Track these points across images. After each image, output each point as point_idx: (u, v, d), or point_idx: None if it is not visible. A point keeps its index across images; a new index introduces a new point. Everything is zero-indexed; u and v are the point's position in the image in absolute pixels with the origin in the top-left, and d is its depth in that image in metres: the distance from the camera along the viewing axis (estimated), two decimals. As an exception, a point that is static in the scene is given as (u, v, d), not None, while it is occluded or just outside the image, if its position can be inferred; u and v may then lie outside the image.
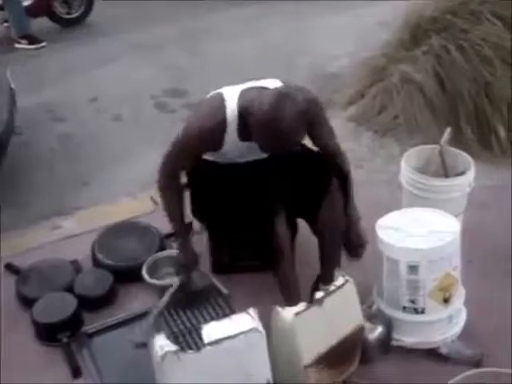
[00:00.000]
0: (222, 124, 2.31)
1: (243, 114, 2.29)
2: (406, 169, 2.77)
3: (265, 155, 2.46)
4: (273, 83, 2.39)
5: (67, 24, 6.12)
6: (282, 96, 2.18)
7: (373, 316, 2.35)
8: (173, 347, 1.91)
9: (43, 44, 5.68)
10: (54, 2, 5.99)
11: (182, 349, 1.99)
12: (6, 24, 5.77)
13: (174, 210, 2.54)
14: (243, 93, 2.35)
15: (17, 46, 5.65)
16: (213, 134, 2.33)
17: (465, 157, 2.83)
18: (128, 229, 2.99)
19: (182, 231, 2.62)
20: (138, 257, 2.78)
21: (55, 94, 4.70)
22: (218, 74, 2.60)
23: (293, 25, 5.64)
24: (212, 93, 2.45)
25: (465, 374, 2.05)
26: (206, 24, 5.86)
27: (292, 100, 2.17)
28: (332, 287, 2.15)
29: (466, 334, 2.41)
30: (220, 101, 2.34)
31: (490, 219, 3.01)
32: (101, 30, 5.99)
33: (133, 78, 4.90)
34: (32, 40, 5.66)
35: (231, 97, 2.34)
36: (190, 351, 1.95)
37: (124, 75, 4.99)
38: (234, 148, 2.39)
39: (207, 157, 2.54)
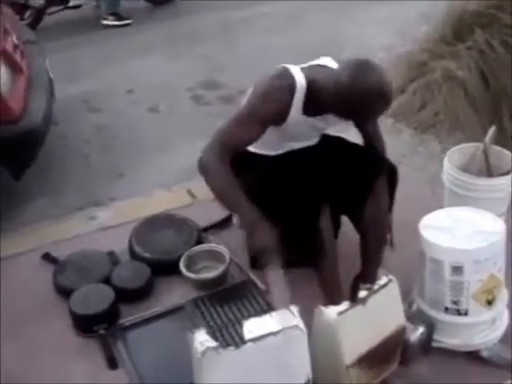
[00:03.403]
0: (290, 90, 2.25)
1: (311, 86, 2.25)
2: (449, 167, 2.73)
3: (316, 142, 2.45)
4: (327, 61, 2.37)
5: (160, 2, 6.29)
6: (362, 65, 2.16)
7: (413, 316, 2.31)
8: (213, 343, 1.89)
9: (129, 21, 5.91)
10: None
11: (220, 344, 1.97)
12: (94, 4, 6.02)
13: (231, 189, 2.21)
14: (303, 69, 2.32)
15: (104, 22, 5.89)
16: (281, 96, 2.24)
17: (509, 156, 2.78)
18: (165, 221, 2.96)
19: (247, 210, 2.19)
20: (176, 250, 2.76)
21: (91, 85, 4.71)
22: (254, 67, 2.54)
23: (332, 17, 5.59)
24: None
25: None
26: (244, 16, 5.84)
27: (372, 69, 2.15)
28: (375, 286, 2.12)
29: (507, 338, 2.36)
30: (286, 70, 2.29)
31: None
32: (136, 21, 5.97)
33: (169, 69, 4.90)
34: (119, 17, 5.89)
35: (295, 69, 2.30)
36: (231, 347, 1.93)
37: (160, 66, 4.99)
38: (296, 124, 2.32)
39: (257, 150, 2.49)
